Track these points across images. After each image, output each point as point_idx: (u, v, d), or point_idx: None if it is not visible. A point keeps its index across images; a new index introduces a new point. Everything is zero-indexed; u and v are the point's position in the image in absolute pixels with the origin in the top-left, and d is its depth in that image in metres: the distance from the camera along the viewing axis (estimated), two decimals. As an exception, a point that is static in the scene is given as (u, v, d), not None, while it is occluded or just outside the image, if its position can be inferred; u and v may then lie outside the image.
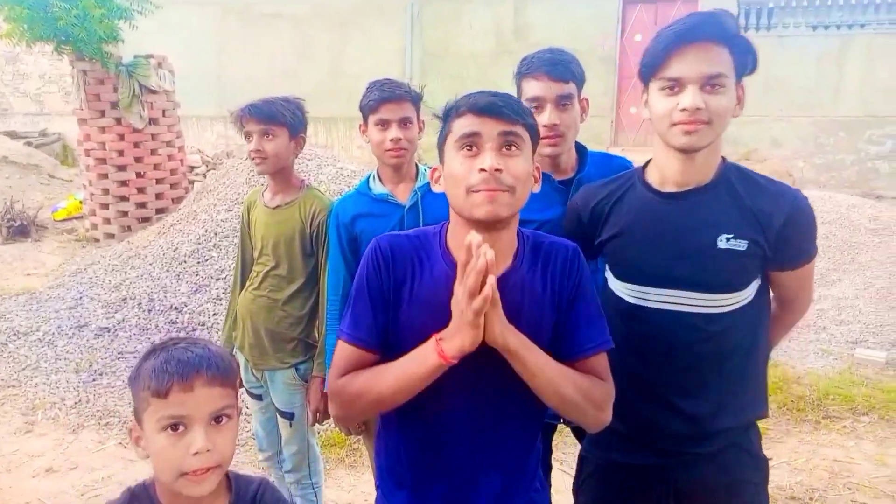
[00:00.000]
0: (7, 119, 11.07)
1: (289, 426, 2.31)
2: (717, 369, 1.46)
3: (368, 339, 1.24)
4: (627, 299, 1.51)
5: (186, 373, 1.04)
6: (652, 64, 1.38)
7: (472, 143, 1.19)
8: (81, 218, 7.00)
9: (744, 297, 1.44)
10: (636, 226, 1.48)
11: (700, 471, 1.51)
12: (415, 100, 1.99)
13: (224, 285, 4.38)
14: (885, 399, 3.66)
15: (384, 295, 1.24)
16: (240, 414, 1.16)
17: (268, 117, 2.09)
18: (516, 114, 1.19)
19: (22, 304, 4.78)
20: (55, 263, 5.91)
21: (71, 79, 6.46)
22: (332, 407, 1.29)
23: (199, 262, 4.65)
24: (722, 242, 1.39)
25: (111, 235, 6.37)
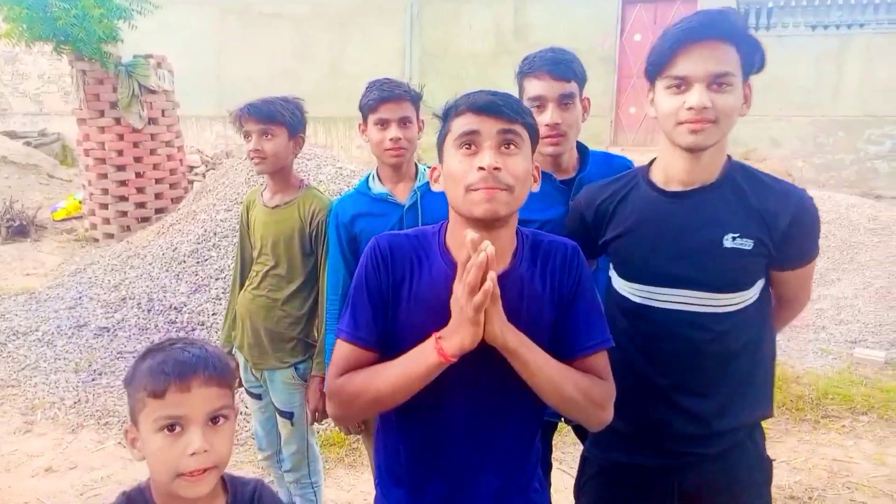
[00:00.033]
0: (6, 119, 11.07)
1: (288, 426, 2.31)
2: (723, 369, 1.45)
3: (367, 338, 1.24)
4: (633, 299, 1.50)
5: (184, 373, 1.04)
6: (658, 62, 1.37)
7: (470, 141, 1.18)
8: (81, 218, 7.00)
9: (749, 297, 1.43)
10: (641, 225, 1.47)
11: (705, 472, 1.50)
12: (414, 99, 1.99)
13: (223, 285, 4.38)
14: (884, 398, 3.66)
15: (383, 294, 1.24)
16: (237, 415, 1.16)
17: (267, 117, 2.09)
18: (515, 113, 1.18)
19: (21, 303, 4.78)
20: (54, 263, 5.91)
21: (70, 79, 6.46)
22: (331, 406, 1.28)
23: (198, 262, 4.65)
24: (728, 241, 1.38)
25: (110, 235, 6.37)
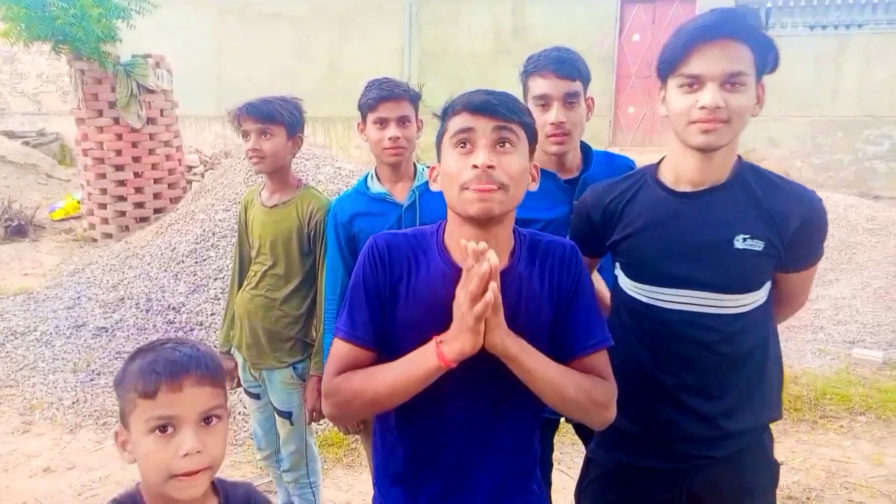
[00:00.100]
0: (5, 119, 11.04)
1: (287, 425, 2.30)
2: (732, 371, 1.44)
3: (365, 337, 1.24)
4: (641, 299, 1.48)
5: (175, 372, 1.02)
6: (671, 60, 1.34)
7: (466, 139, 1.19)
8: (79, 218, 6.99)
9: (758, 298, 1.42)
10: (651, 226, 1.45)
11: (714, 474, 1.49)
12: (413, 99, 1.99)
13: (222, 285, 4.37)
14: (882, 399, 3.67)
15: (380, 293, 1.24)
16: (229, 415, 1.14)
17: (265, 116, 2.09)
18: (511, 111, 1.18)
19: (19, 303, 4.78)
20: (53, 263, 5.91)
21: (69, 78, 6.45)
22: (326, 405, 1.27)
23: (196, 262, 4.65)
24: (738, 242, 1.37)
25: (109, 235, 6.36)
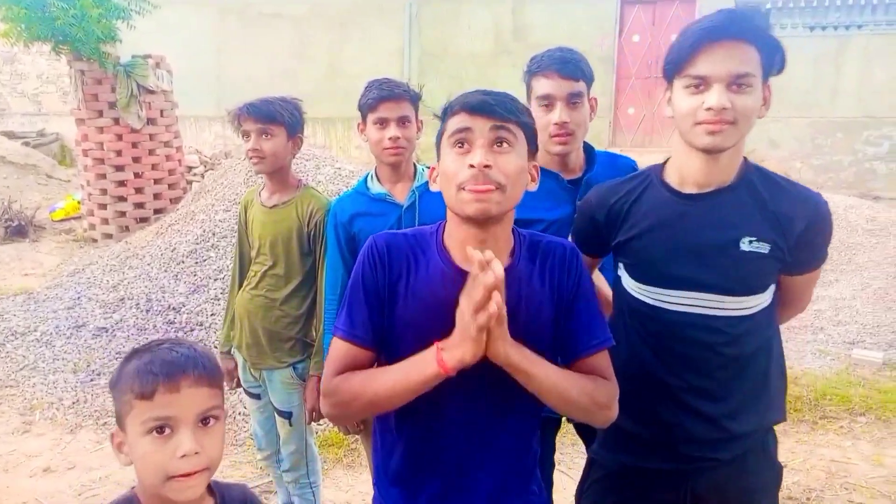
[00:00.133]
0: (5, 119, 11.04)
1: (287, 425, 2.31)
2: (737, 372, 1.44)
3: (364, 337, 1.24)
4: (645, 300, 1.47)
5: (172, 373, 1.01)
6: (677, 61, 1.33)
7: (463, 139, 1.19)
8: (79, 218, 6.99)
9: (763, 300, 1.42)
10: (656, 228, 1.44)
11: (718, 476, 1.49)
12: (413, 99, 1.99)
13: (222, 285, 4.37)
14: (882, 399, 3.66)
15: (379, 293, 1.24)
16: (228, 416, 1.14)
17: (266, 117, 2.09)
18: (508, 111, 1.18)
19: (20, 304, 4.78)
20: (53, 264, 5.91)
21: (69, 79, 6.46)
22: (325, 405, 1.26)
23: (196, 263, 4.65)
24: (745, 245, 1.36)
25: (109, 236, 6.36)
